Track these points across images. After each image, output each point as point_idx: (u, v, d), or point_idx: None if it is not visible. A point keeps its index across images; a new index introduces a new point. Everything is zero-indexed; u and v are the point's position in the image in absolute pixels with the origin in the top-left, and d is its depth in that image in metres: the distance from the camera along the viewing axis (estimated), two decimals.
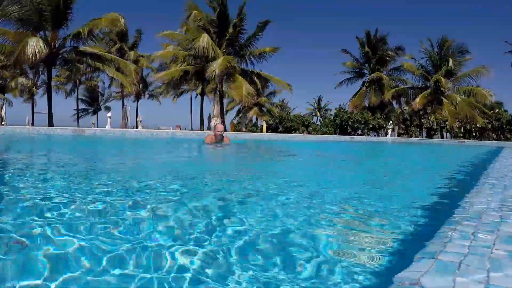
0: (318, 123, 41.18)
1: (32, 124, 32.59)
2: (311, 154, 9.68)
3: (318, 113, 62.67)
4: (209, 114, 30.51)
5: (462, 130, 30.85)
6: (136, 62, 33.88)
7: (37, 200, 2.37)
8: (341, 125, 30.67)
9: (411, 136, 31.52)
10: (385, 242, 1.72)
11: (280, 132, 30.40)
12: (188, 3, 27.24)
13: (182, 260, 1.43)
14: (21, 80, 36.21)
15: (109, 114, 24.72)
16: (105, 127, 23.01)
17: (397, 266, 1.35)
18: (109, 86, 42.51)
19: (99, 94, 47.06)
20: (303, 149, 11.92)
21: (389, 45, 35.77)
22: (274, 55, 28.77)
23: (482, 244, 1.39)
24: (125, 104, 35.18)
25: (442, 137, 32.50)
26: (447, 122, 30.42)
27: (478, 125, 29.85)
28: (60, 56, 24.14)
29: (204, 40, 25.46)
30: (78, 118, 45.48)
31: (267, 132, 29.39)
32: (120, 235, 1.69)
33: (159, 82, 33.46)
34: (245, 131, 31.07)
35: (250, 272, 1.34)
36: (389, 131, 29.32)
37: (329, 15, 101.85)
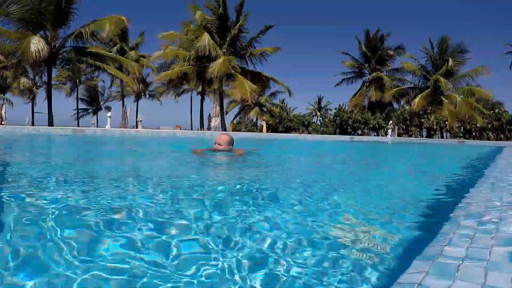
0: (318, 123, 41.20)
1: (32, 124, 32.60)
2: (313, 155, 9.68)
3: (318, 113, 62.67)
4: (209, 114, 30.51)
5: (462, 130, 30.86)
6: (136, 62, 33.88)
7: (35, 201, 2.37)
8: (341, 125, 30.67)
9: (411, 136, 31.52)
10: (384, 243, 1.72)
11: (280, 132, 30.41)
12: (190, 3, 27.28)
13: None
14: (22, 80, 36.23)
15: (109, 114, 24.75)
16: (105, 127, 23.02)
17: (397, 268, 1.35)
18: (110, 86, 42.53)
19: (99, 94, 47.06)
20: (303, 149, 11.93)
21: (389, 44, 35.81)
22: (275, 55, 28.88)
23: (481, 246, 1.39)
24: (125, 104, 35.21)
25: (442, 137, 32.51)
26: (447, 122, 30.42)
27: (478, 125, 29.86)
28: (60, 56, 24.15)
29: (206, 39, 25.50)
30: (78, 118, 45.51)
31: (267, 132, 29.39)
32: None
33: (159, 83, 33.50)
34: (245, 131, 31.08)
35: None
36: (389, 131, 29.32)
37: (330, 15, 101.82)
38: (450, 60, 30.43)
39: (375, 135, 31.40)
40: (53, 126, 21.81)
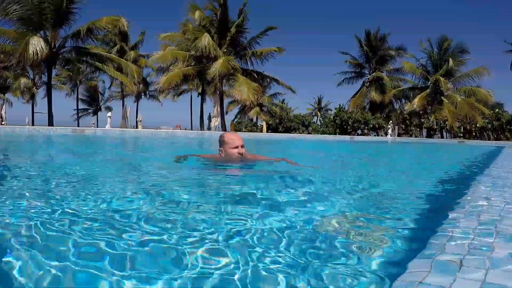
0: (318, 123, 41.20)
1: (32, 124, 32.61)
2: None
3: (318, 113, 62.74)
4: (209, 114, 30.52)
5: (462, 130, 30.86)
6: (136, 61, 33.91)
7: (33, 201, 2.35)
8: (341, 125, 30.67)
9: (411, 136, 31.52)
10: (383, 242, 1.71)
11: (280, 132, 30.41)
12: (189, 3, 27.29)
13: None
14: (22, 80, 36.26)
15: (109, 114, 24.78)
16: (105, 127, 23.02)
17: (396, 269, 1.34)
18: (110, 86, 42.61)
19: (99, 94, 47.11)
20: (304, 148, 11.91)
21: (390, 44, 35.81)
22: (275, 54, 28.87)
23: (482, 244, 1.38)
24: (125, 104, 35.24)
25: (442, 137, 32.51)
26: (447, 122, 30.43)
27: (478, 125, 29.87)
28: (60, 56, 24.15)
29: (205, 40, 25.50)
30: (78, 118, 45.55)
31: (267, 132, 29.40)
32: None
33: (161, 87, 33.48)
34: (245, 131, 31.08)
35: None
36: (389, 130, 29.32)
37: (330, 15, 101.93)
38: (451, 60, 30.45)
39: (375, 135, 31.40)
40: (53, 126, 21.81)
